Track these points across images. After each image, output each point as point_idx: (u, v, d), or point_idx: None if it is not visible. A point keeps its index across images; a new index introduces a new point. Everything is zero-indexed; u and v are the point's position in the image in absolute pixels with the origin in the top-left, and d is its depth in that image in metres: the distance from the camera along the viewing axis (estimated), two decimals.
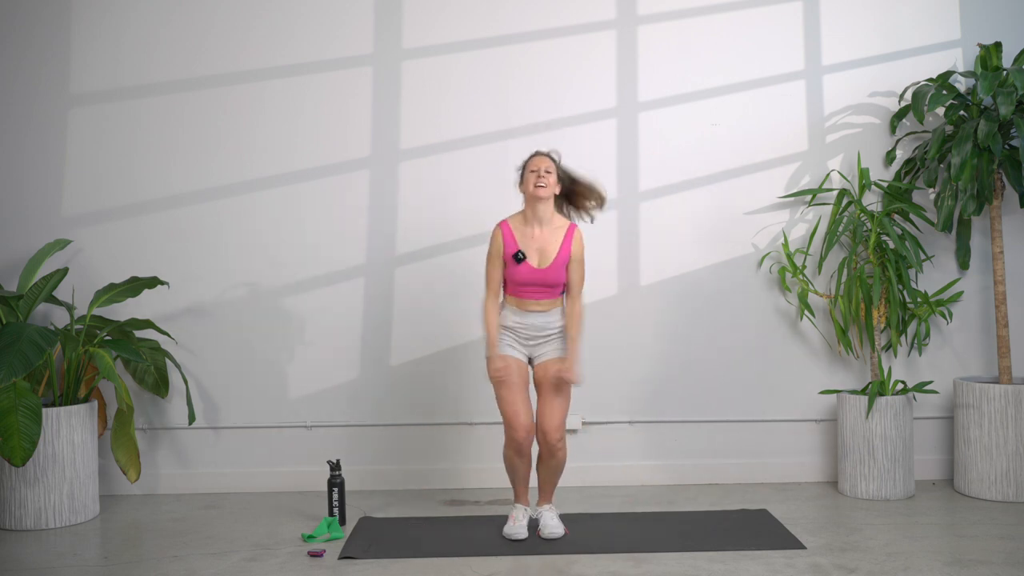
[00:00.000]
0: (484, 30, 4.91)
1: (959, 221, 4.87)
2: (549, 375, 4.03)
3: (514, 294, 4.07)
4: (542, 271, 4.00)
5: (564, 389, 4.04)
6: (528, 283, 4.01)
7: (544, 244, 4.02)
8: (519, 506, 4.16)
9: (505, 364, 3.99)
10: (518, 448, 4.02)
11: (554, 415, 4.01)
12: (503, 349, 4.06)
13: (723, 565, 3.67)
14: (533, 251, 4.01)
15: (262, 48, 4.90)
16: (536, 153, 4.11)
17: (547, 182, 4.00)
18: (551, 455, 4.05)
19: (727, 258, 4.94)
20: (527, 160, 4.10)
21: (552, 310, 4.07)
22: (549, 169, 4.02)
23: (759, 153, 4.94)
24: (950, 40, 4.96)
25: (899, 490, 4.59)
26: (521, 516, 4.13)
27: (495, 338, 4.04)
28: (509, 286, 4.08)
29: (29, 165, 4.89)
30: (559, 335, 4.08)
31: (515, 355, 4.05)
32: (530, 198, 4.04)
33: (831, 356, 4.96)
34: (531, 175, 4.03)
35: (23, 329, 4.16)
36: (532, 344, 4.07)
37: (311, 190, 4.90)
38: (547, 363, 4.05)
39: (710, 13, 4.94)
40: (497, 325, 4.06)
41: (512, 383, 4.01)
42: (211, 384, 4.92)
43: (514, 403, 4.00)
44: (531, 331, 4.05)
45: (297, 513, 4.46)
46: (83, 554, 3.94)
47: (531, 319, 4.05)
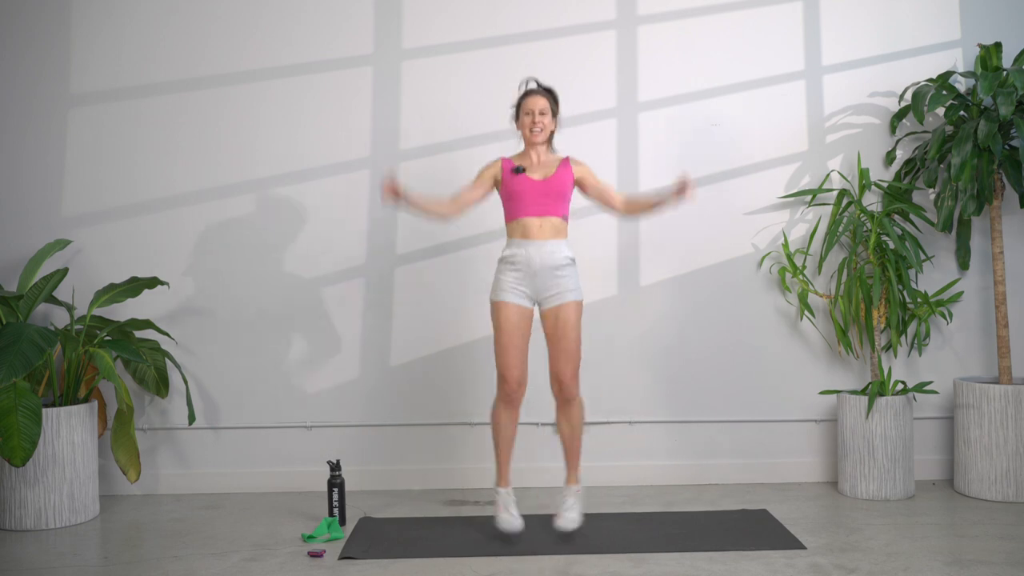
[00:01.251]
0: (484, 30, 4.91)
1: (959, 221, 4.87)
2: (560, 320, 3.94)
3: (516, 216, 3.96)
4: (544, 181, 3.95)
5: (574, 335, 3.94)
6: (530, 193, 3.93)
7: (544, 166, 4.00)
8: (502, 491, 4.06)
9: (395, 186, 3.87)
10: (508, 399, 3.96)
11: (568, 364, 3.95)
12: (504, 295, 3.95)
13: (723, 565, 3.67)
14: (534, 170, 3.99)
15: (262, 48, 4.91)
16: (529, 91, 4.04)
17: (543, 125, 3.99)
18: (567, 403, 4.00)
19: (727, 258, 4.94)
20: (521, 99, 4.05)
21: (557, 239, 3.96)
22: (544, 111, 3.99)
23: (759, 153, 4.95)
24: (950, 40, 4.96)
25: (899, 490, 4.59)
26: (509, 503, 4.03)
27: (423, 199, 3.97)
28: (510, 210, 3.99)
29: (29, 165, 4.89)
30: (568, 270, 3.96)
31: (517, 301, 3.95)
32: (527, 141, 4.03)
33: (831, 356, 4.96)
34: (526, 118, 4.01)
35: (23, 329, 4.16)
36: (540, 280, 3.94)
37: (311, 190, 4.91)
38: (557, 309, 3.95)
39: (710, 13, 4.94)
40: (435, 202, 3.99)
41: (512, 331, 3.93)
42: (211, 384, 4.92)
43: (511, 353, 3.93)
44: (536, 262, 3.93)
45: (297, 513, 4.46)
46: (83, 554, 3.94)
47: (535, 248, 3.93)
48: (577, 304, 3.98)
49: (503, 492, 4.07)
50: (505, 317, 3.93)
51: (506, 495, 4.06)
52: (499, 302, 3.96)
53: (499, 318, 3.95)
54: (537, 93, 4.03)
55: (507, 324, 3.93)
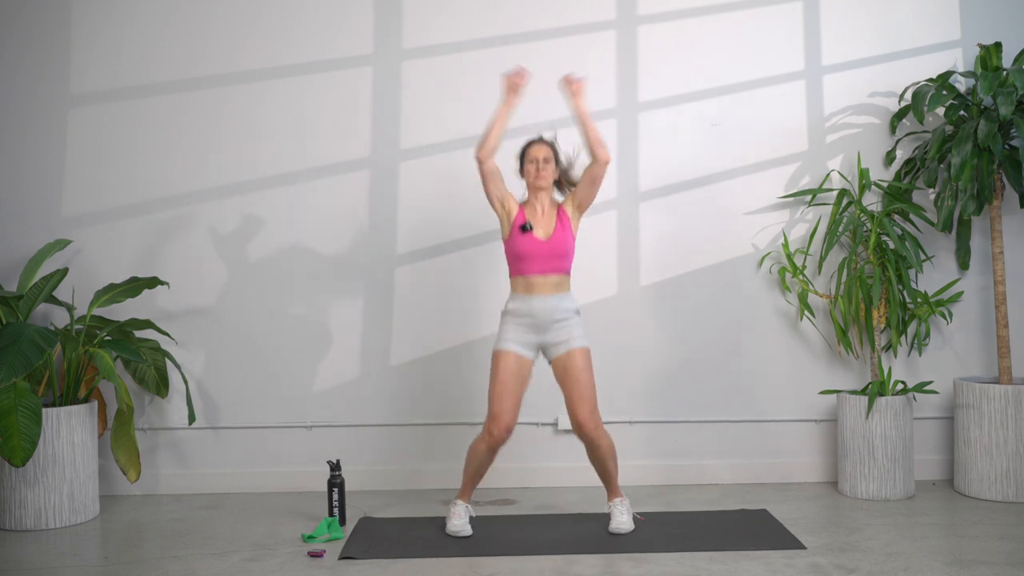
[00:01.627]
0: (484, 30, 4.91)
1: (959, 221, 4.87)
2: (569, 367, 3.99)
3: (520, 273, 4.04)
4: (548, 241, 4.02)
5: (586, 377, 4.00)
6: (534, 255, 4.00)
7: (547, 221, 4.07)
8: (460, 503, 4.11)
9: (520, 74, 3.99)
10: (492, 444, 4.01)
11: (583, 405, 4.00)
12: (507, 344, 4.02)
13: (723, 565, 3.66)
14: (539, 228, 4.05)
15: (262, 48, 4.91)
16: (532, 142, 4.14)
17: (546, 172, 4.07)
18: (594, 446, 4.04)
19: (727, 258, 4.94)
20: (525, 148, 4.14)
21: (560, 293, 4.04)
22: (547, 158, 4.08)
23: (759, 153, 4.95)
24: (950, 40, 4.96)
25: (899, 490, 4.59)
26: (463, 513, 4.09)
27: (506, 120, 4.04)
28: (514, 266, 4.07)
29: (29, 165, 4.89)
30: (572, 321, 4.03)
31: (519, 351, 4.02)
32: (531, 188, 4.11)
33: (831, 356, 4.96)
34: (530, 165, 4.09)
35: (23, 329, 4.16)
36: (543, 333, 4.02)
37: (311, 190, 4.90)
38: (564, 357, 4.01)
39: (710, 13, 4.94)
40: (501, 127, 4.04)
41: (509, 378, 3.98)
42: (211, 384, 4.92)
43: (504, 399, 3.98)
44: (540, 317, 4.00)
45: (297, 513, 4.46)
46: (83, 554, 3.94)
47: (539, 303, 4.00)
48: (584, 351, 4.03)
49: (461, 505, 4.12)
50: (505, 365, 4.01)
51: (463, 507, 4.11)
52: (501, 351, 4.03)
53: (498, 365, 4.02)
54: (539, 142, 4.13)
55: (505, 371, 4.00)
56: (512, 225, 4.06)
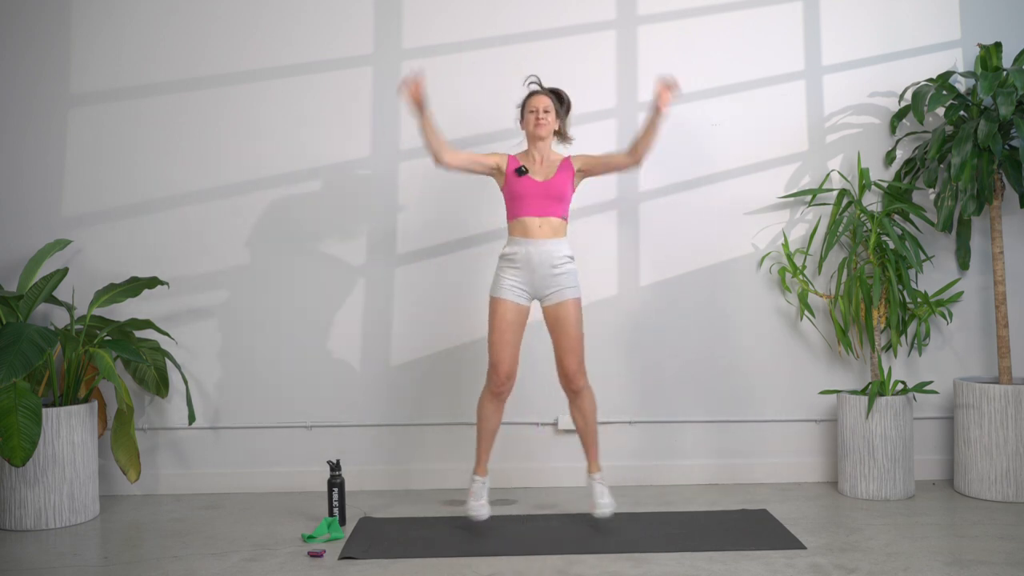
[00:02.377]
0: (484, 30, 4.91)
1: (959, 221, 4.87)
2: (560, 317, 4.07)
3: (517, 215, 4.11)
4: (546, 182, 4.10)
5: (576, 330, 4.08)
6: (531, 195, 4.08)
7: (546, 167, 4.15)
8: (478, 479, 4.18)
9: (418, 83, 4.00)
10: (496, 390, 4.10)
11: (572, 357, 4.09)
12: (503, 292, 4.09)
13: (723, 565, 3.67)
14: (536, 171, 4.14)
15: (262, 48, 4.91)
16: (534, 92, 4.22)
17: (547, 120, 4.16)
18: (577, 395, 4.13)
19: (727, 258, 4.94)
20: (526, 99, 4.23)
21: (557, 238, 4.10)
22: (547, 108, 4.17)
23: (759, 153, 4.95)
24: (950, 40, 4.96)
25: (899, 490, 4.59)
26: (481, 491, 4.16)
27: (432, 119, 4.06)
28: (512, 208, 4.14)
29: (29, 165, 4.89)
30: (567, 267, 4.10)
31: (515, 299, 4.09)
32: (531, 137, 4.19)
33: (831, 356, 4.96)
34: (531, 115, 4.17)
35: (23, 329, 4.16)
36: (538, 278, 4.08)
37: (311, 190, 4.90)
38: (556, 306, 4.08)
39: (710, 13, 4.94)
40: (439, 135, 4.10)
41: (506, 326, 4.07)
42: (211, 384, 4.92)
43: (503, 347, 4.07)
44: (535, 261, 4.07)
45: (297, 513, 4.46)
46: (83, 554, 3.94)
47: (535, 247, 4.07)
48: (576, 301, 4.12)
49: (479, 480, 4.19)
50: (501, 313, 4.08)
51: (480, 483, 4.18)
52: (497, 298, 4.11)
53: (495, 313, 4.10)
54: (541, 92, 4.21)
55: (502, 320, 4.08)
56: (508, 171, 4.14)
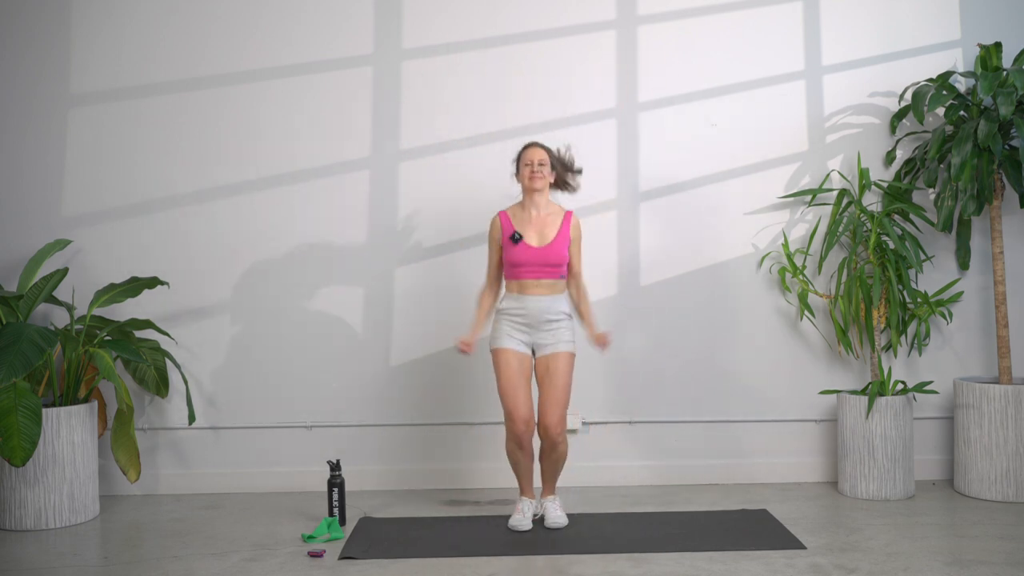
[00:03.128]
0: (484, 30, 4.91)
1: (959, 221, 4.87)
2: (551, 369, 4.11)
3: (514, 277, 4.16)
4: (542, 249, 4.12)
5: (563, 383, 4.11)
6: (528, 263, 4.11)
7: (543, 227, 4.17)
8: (524, 499, 4.24)
9: (469, 343, 4.12)
10: (518, 441, 4.12)
11: (555, 410, 4.09)
12: (503, 341, 4.14)
13: (723, 565, 3.66)
14: (532, 233, 4.15)
15: (262, 48, 4.90)
16: (529, 145, 4.24)
17: (542, 174, 4.17)
18: (552, 448, 4.15)
19: (727, 258, 4.94)
20: (521, 152, 4.24)
21: (554, 295, 4.15)
22: (543, 161, 4.18)
23: (759, 153, 4.95)
24: (950, 40, 4.96)
25: (899, 490, 4.59)
26: (526, 508, 4.21)
27: (480, 321, 4.20)
28: (509, 271, 4.17)
29: (29, 165, 4.89)
30: (563, 323, 4.15)
31: (516, 347, 4.13)
32: (527, 190, 4.20)
33: (831, 356, 4.96)
34: (525, 168, 4.19)
35: (23, 329, 4.16)
36: (535, 332, 4.13)
37: (311, 190, 4.90)
38: (549, 357, 4.12)
39: (710, 13, 4.94)
40: (487, 310, 4.22)
41: (512, 375, 4.10)
42: (211, 384, 4.92)
43: (514, 396, 4.09)
44: (532, 316, 4.11)
45: (297, 513, 4.46)
46: (83, 554, 3.94)
47: (532, 303, 4.12)
48: (568, 356, 4.15)
49: (525, 499, 4.24)
50: (505, 362, 4.12)
51: (527, 502, 4.23)
52: (499, 349, 4.15)
53: (500, 364, 4.13)
54: (536, 145, 4.22)
55: (508, 368, 4.12)
56: (503, 240, 4.17)
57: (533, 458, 4.23)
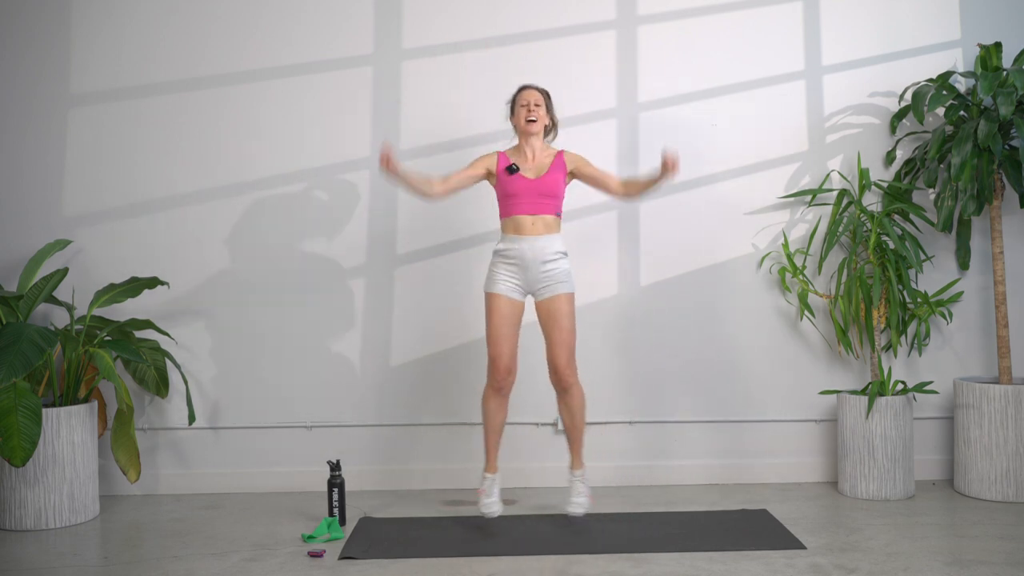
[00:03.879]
0: (484, 30, 4.91)
1: (959, 221, 4.87)
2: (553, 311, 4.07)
3: (509, 213, 4.10)
4: (538, 180, 4.09)
5: (568, 324, 4.07)
6: (523, 193, 4.07)
7: (538, 163, 4.14)
8: (488, 476, 4.17)
9: (389, 157, 3.96)
10: (498, 386, 4.09)
11: (562, 351, 4.07)
12: (498, 286, 4.10)
13: (723, 565, 3.67)
14: (528, 168, 4.12)
15: (262, 48, 4.91)
16: (524, 86, 4.22)
17: (537, 115, 4.15)
18: (565, 391, 4.11)
19: (727, 258, 4.94)
20: (516, 93, 4.22)
21: (550, 234, 4.10)
22: (538, 103, 4.17)
23: (759, 153, 4.95)
24: (950, 40, 4.96)
25: (899, 490, 4.59)
26: (493, 490, 4.15)
27: (413, 174, 4.11)
28: (504, 206, 4.13)
29: (29, 165, 4.89)
30: (559, 263, 4.09)
31: (509, 292, 4.09)
32: (522, 132, 4.18)
33: (831, 356, 4.96)
34: (521, 109, 4.16)
35: (23, 329, 4.16)
36: (532, 274, 4.08)
37: (311, 190, 4.90)
38: (549, 301, 4.08)
39: (710, 13, 4.94)
40: (424, 178, 4.12)
41: (502, 321, 4.06)
42: (211, 384, 4.92)
43: (500, 342, 4.07)
44: (528, 258, 4.06)
45: (297, 513, 4.46)
46: (83, 554, 3.94)
47: (527, 243, 4.07)
48: (568, 296, 4.11)
49: (489, 477, 4.18)
50: (497, 308, 4.09)
51: (491, 480, 4.17)
52: (492, 293, 4.11)
53: (491, 308, 4.10)
54: (531, 87, 4.21)
55: (498, 315, 4.08)
56: (498, 170, 4.13)
57: (506, 417, 4.18)
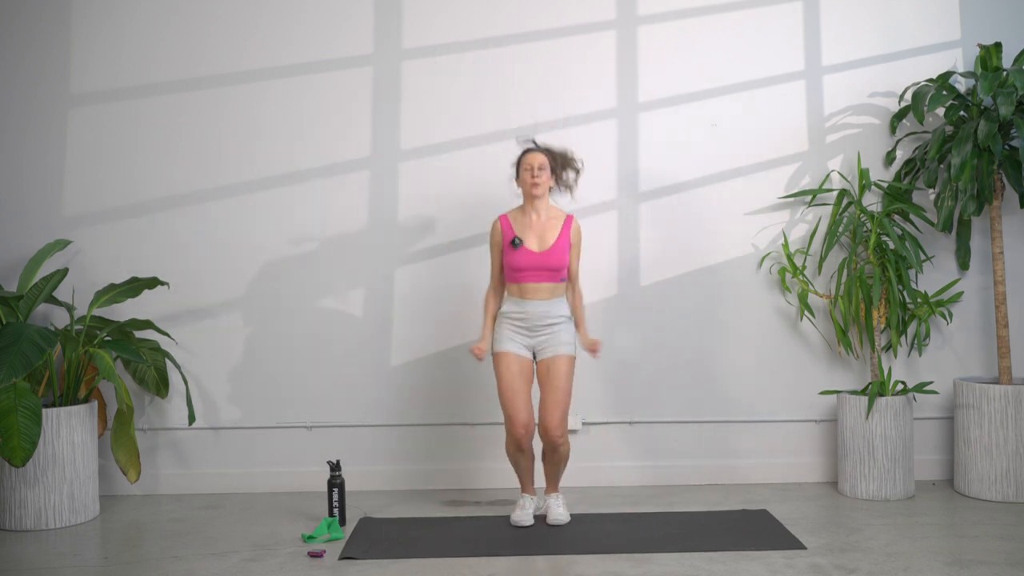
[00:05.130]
0: (484, 30, 4.91)
1: (959, 221, 4.87)
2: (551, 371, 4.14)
3: (515, 281, 4.19)
4: (542, 254, 4.14)
5: (563, 386, 4.14)
6: (528, 268, 4.14)
7: (543, 231, 4.19)
8: (526, 496, 4.28)
9: (486, 350, 4.18)
10: (517, 444, 4.16)
11: (555, 412, 4.12)
12: (503, 344, 4.17)
13: (723, 565, 3.67)
14: (532, 238, 4.18)
15: (262, 48, 4.90)
16: (528, 150, 4.25)
17: (541, 180, 4.19)
18: (553, 450, 4.18)
19: (727, 258, 4.94)
20: (520, 157, 4.27)
21: (554, 299, 4.18)
22: (543, 166, 4.20)
23: (759, 153, 4.95)
24: (950, 40, 4.96)
25: (899, 490, 4.59)
26: (527, 504, 4.24)
27: (488, 325, 4.24)
28: (509, 275, 4.20)
29: (29, 165, 4.89)
30: (563, 326, 4.18)
31: (516, 350, 4.16)
32: (527, 196, 4.22)
33: (831, 356, 4.96)
34: (526, 173, 4.20)
35: (23, 329, 4.16)
36: (534, 335, 4.17)
37: (311, 190, 4.90)
38: (549, 360, 4.15)
39: (710, 13, 4.94)
40: (494, 314, 4.25)
41: (512, 378, 4.13)
42: (211, 384, 4.92)
43: (514, 400, 4.13)
44: (532, 320, 4.15)
45: (297, 513, 4.46)
46: (83, 554, 3.94)
47: (532, 307, 4.15)
48: (569, 359, 4.18)
49: (526, 496, 4.28)
50: (506, 366, 4.16)
51: (528, 499, 4.28)
52: (501, 352, 4.18)
53: (500, 367, 4.17)
54: (536, 150, 4.24)
55: (509, 373, 4.15)
56: (504, 244, 4.20)
57: (533, 459, 4.26)
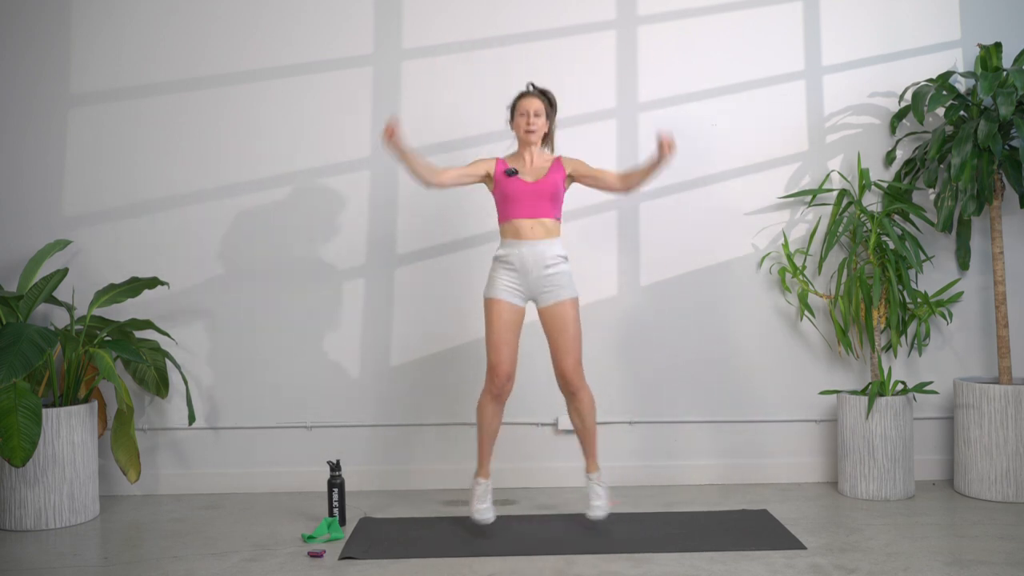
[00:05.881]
0: (484, 30, 4.91)
1: (959, 221, 4.87)
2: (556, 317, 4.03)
3: (510, 216, 4.06)
4: (536, 183, 4.05)
5: (573, 329, 4.03)
6: (522, 195, 4.03)
7: (537, 167, 4.11)
8: (481, 481, 4.12)
9: (393, 131, 3.94)
10: (496, 394, 4.05)
11: (569, 357, 4.03)
12: (498, 292, 4.06)
13: (723, 565, 3.67)
14: (526, 172, 4.10)
15: (262, 48, 4.91)
16: (524, 93, 4.16)
17: (537, 125, 4.11)
18: (573, 396, 4.07)
19: (727, 258, 4.94)
20: (516, 100, 4.16)
21: (550, 238, 4.06)
22: (538, 112, 4.12)
23: (759, 153, 4.95)
24: (950, 40, 4.96)
25: (899, 490, 4.59)
26: (486, 496, 4.10)
27: (414, 156, 4.03)
28: (503, 211, 4.09)
29: (29, 165, 4.89)
30: (561, 267, 4.05)
31: (510, 299, 4.05)
32: (521, 140, 4.15)
33: (831, 356, 4.96)
34: (521, 118, 4.12)
35: (23, 329, 4.16)
36: (533, 279, 4.04)
37: (311, 190, 4.90)
38: (552, 307, 4.03)
39: (710, 13, 4.94)
40: (425, 163, 4.08)
41: (503, 328, 4.02)
42: (211, 384, 4.92)
43: (501, 348, 4.03)
44: (528, 263, 4.02)
45: (297, 513, 4.46)
46: (83, 554, 3.94)
47: (528, 248, 4.03)
48: (572, 301, 4.07)
49: (482, 483, 4.13)
50: (497, 314, 4.04)
51: (484, 486, 4.13)
52: (492, 299, 4.07)
53: (491, 314, 4.06)
54: (532, 95, 4.15)
55: (499, 320, 4.04)
56: (496, 174, 4.11)
57: (501, 423, 4.13)
